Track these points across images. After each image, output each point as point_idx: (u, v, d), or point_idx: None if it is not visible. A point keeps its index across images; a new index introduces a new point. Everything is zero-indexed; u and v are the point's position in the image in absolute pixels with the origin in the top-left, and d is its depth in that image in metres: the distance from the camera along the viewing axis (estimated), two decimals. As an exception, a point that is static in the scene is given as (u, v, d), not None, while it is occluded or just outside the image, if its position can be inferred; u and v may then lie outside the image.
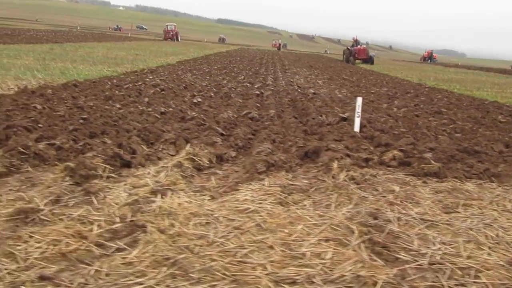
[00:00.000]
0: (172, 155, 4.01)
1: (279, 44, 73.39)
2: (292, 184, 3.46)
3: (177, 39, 54.86)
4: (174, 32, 54.90)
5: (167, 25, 57.34)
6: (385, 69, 25.69)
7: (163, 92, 8.77)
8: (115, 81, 10.47)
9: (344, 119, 6.12)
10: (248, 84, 11.64)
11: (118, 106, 6.42)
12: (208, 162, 3.99)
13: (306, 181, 3.57)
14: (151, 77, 11.93)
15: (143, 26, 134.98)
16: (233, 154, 4.42)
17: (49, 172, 3.32)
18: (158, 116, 5.87)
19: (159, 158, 3.91)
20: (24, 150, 3.56)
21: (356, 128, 5.44)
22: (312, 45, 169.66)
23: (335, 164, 3.80)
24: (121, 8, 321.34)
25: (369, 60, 29.00)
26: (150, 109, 6.28)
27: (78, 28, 65.32)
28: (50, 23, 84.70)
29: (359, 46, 29.29)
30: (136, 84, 10.18)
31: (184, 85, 10.37)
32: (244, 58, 27.66)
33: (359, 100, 5.40)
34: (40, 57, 15.95)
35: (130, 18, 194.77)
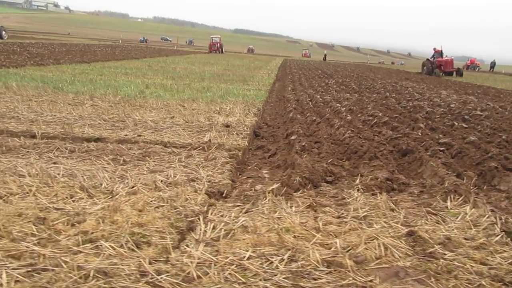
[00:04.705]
0: None
1: (325, 55, 72.28)
2: None
3: (222, 51, 55.20)
4: (219, 45, 55.26)
5: (211, 38, 57.71)
6: (474, 81, 25.34)
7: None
8: (311, 102, 10.45)
9: None
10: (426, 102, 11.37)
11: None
12: None
13: None
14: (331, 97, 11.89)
15: (167, 38, 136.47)
16: None
17: None
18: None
19: None
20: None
21: None
22: (333, 53, 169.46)
23: None
24: (139, 20, 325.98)
25: (457, 72, 28.37)
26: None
27: (120, 41, 66.34)
28: (82, 36, 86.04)
29: (445, 57, 28.73)
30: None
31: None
32: (321, 70, 27.56)
33: None
34: (168, 76, 16.04)
35: (151, 30, 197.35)
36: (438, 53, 29.02)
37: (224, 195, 3.48)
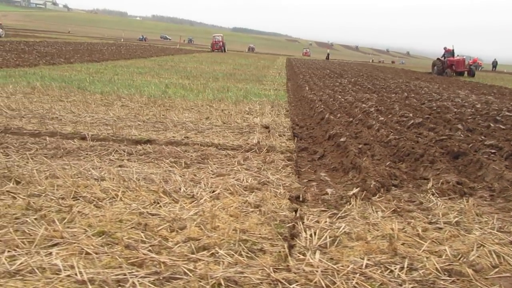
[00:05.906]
0: None
1: (328, 54, 71.68)
2: None
3: (224, 50, 55.04)
4: (221, 43, 55.09)
5: (214, 36, 57.48)
6: (482, 80, 25.37)
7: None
8: (336, 103, 10.43)
9: None
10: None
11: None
12: None
13: None
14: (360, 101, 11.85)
15: (166, 36, 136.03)
16: None
17: None
18: None
19: None
20: None
21: None
22: (333, 52, 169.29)
23: None
24: (138, 18, 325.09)
25: (469, 72, 28.25)
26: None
27: (122, 40, 66.08)
28: (83, 35, 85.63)
29: (457, 57, 28.52)
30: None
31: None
32: (329, 69, 27.46)
33: None
34: (182, 75, 15.96)
35: (150, 28, 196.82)
36: (449, 53, 28.75)
37: (301, 199, 3.43)
